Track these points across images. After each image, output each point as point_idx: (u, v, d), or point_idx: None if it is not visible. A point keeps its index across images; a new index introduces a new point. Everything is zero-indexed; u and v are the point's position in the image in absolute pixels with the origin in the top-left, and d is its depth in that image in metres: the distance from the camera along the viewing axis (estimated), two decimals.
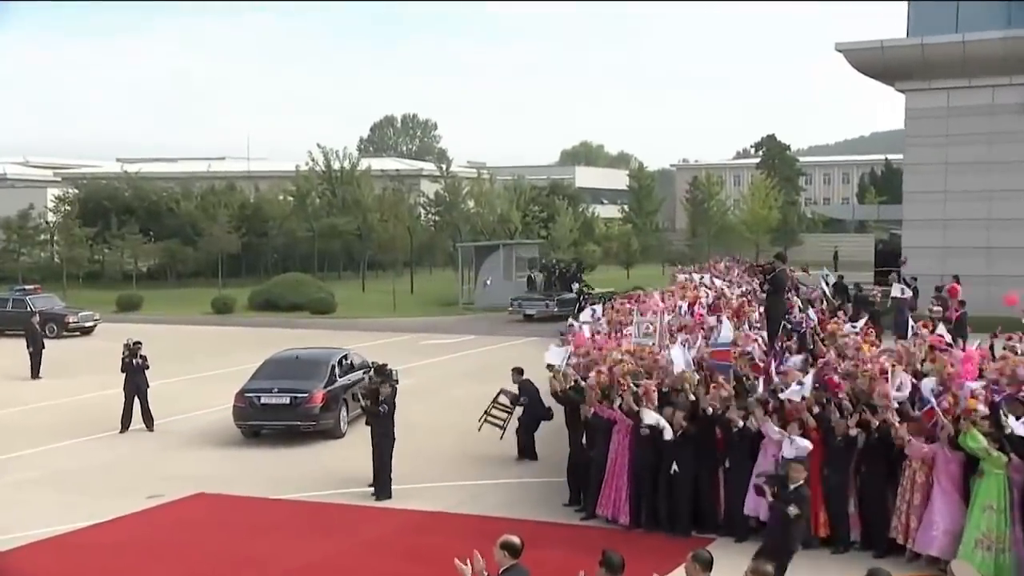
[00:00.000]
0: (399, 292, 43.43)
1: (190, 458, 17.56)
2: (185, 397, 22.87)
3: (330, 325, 37.79)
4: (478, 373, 26.29)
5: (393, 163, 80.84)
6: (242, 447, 18.46)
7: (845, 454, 11.86)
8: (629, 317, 18.32)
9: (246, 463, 17.16)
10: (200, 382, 25.40)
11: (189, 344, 32.84)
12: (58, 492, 15.19)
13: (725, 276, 27.99)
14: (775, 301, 14.95)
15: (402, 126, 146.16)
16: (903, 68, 35.70)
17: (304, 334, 35.50)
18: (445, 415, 16.87)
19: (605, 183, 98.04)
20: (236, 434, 19.42)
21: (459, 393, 22.60)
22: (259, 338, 34.70)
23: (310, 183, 60.43)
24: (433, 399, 15.62)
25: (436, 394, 14.97)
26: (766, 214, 74.37)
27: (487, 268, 43.56)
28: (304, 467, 16.82)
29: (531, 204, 68.63)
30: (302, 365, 19.66)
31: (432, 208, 66.55)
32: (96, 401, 22.51)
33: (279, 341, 33.55)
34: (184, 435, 19.45)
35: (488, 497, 14.68)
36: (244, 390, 19.13)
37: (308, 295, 42.64)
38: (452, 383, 23.87)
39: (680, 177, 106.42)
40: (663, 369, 13.87)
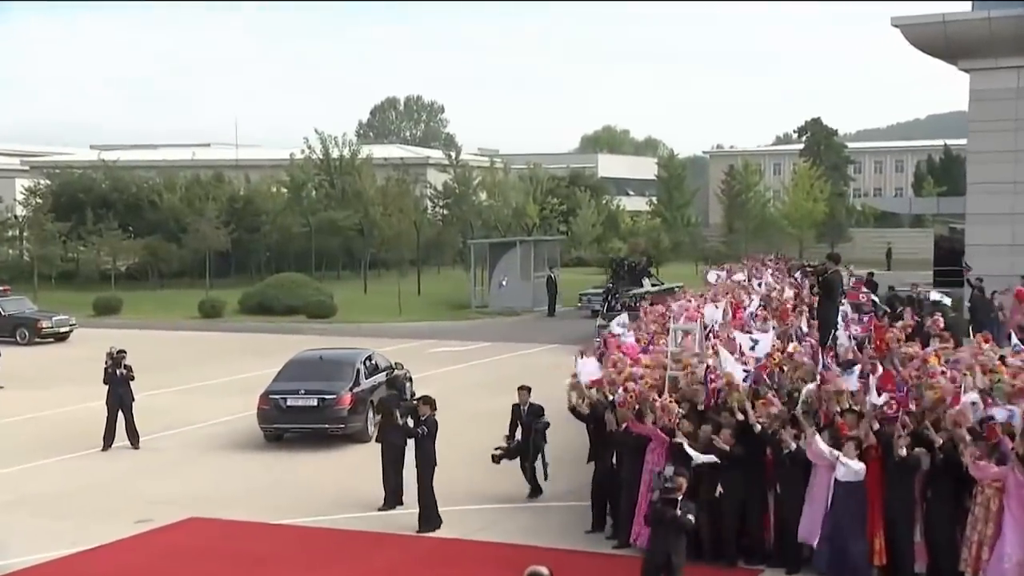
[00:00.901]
0: (405, 293, 43.55)
1: (180, 479, 17.69)
2: (173, 411, 23.04)
3: (329, 330, 37.93)
4: (495, 384, 26.34)
5: (397, 151, 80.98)
6: (237, 466, 18.59)
7: (908, 477, 11.88)
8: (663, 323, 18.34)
9: (242, 484, 17.28)
10: (189, 394, 25.59)
11: (174, 351, 33.05)
12: (35, 517, 15.33)
13: (770, 275, 27.91)
14: (827, 306, 14.98)
15: (405, 109, 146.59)
16: (967, 45, 35.53)
17: (302, 340, 35.47)
18: (460, 431, 16.98)
19: (631, 172, 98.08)
20: (230, 452, 19.57)
21: (475, 407, 22.68)
22: (251, 344, 34.92)
23: (306, 173, 60.61)
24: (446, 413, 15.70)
25: (449, 408, 15.10)
26: (811, 207, 74.21)
27: (502, 267, 43.68)
28: (307, 488, 16.94)
29: (549, 196, 68.83)
30: (327, 366, 20.66)
31: (440, 201, 66.71)
32: (75, 415, 22.67)
33: (273, 348, 33.75)
34: (173, 453, 19.59)
35: (508, 522, 14.76)
36: (268, 392, 20.04)
37: (305, 297, 42.82)
38: (467, 395, 23.97)
39: (714, 165, 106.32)
40: (700, 383, 13.93)
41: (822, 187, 75.75)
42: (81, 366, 27.97)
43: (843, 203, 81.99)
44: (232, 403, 24.01)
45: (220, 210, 52.33)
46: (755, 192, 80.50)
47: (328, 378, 20.17)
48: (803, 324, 18.32)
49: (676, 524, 10.46)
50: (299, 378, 20.29)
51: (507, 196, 64.71)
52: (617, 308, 37.78)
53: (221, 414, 22.83)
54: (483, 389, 25.57)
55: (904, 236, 76.45)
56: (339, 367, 20.63)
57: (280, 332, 38.06)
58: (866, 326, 17.62)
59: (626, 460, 13.55)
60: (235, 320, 41.52)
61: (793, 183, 79.03)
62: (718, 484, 12.62)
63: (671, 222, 77.13)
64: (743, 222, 77.02)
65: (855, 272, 33.94)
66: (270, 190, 59.32)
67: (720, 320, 18.11)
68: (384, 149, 77.19)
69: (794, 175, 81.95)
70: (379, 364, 21.59)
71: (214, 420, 22.38)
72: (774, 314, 20.15)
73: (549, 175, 73.10)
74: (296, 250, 56.02)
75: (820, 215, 74.70)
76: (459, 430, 16.59)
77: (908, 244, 72.59)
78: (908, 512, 11.92)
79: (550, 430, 16.04)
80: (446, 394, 20.10)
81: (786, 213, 76.85)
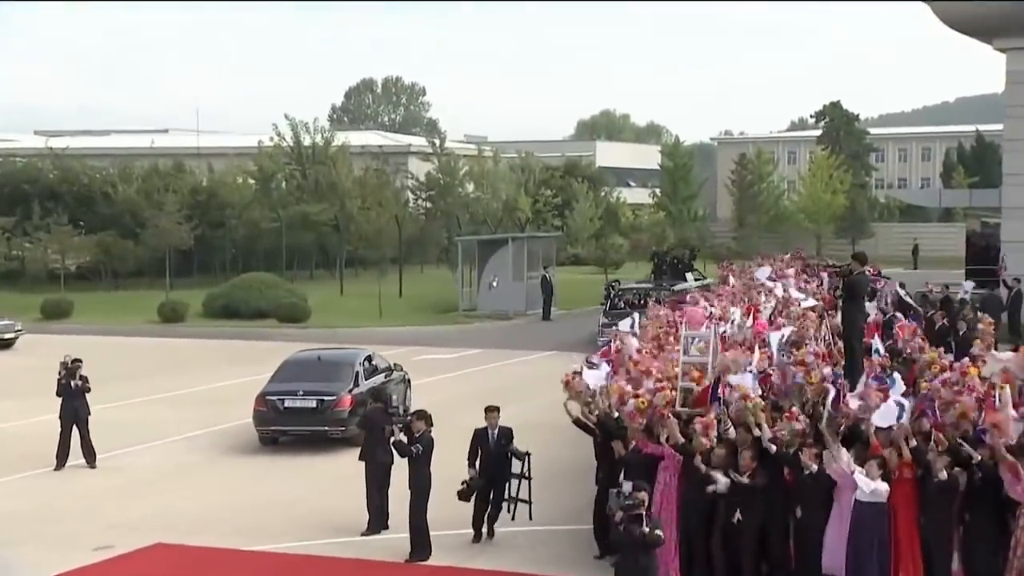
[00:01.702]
0: (385, 295, 43.56)
1: (143, 500, 17.69)
2: (133, 425, 23.03)
3: (302, 336, 37.99)
4: (488, 396, 26.08)
5: (375, 138, 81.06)
6: (208, 485, 18.61)
7: (946, 499, 11.96)
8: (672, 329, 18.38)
9: (212, 505, 17.30)
10: (150, 406, 25.60)
11: (132, 360, 33.04)
12: None
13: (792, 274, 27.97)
14: (852, 310, 15.06)
15: (383, 92, 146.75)
16: (1004, 22, 35.68)
17: (272, 347, 35.52)
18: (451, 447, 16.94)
19: (632, 161, 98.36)
20: (199, 470, 19.58)
21: (467, 420, 22.55)
22: (217, 352, 34.91)
23: (275, 163, 60.62)
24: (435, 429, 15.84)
25: (439, 422, 15.15)
26: (829, 199, 74.63)
27: (492, 266, 43.72)
28: (283, 509, 16.97)
29: (543, 187, 68.99)
30: (325, 366, 21.64)
31: (423, 193, 66.77)
32: (23, 432, 22.62)
33: (242, 355, 33.84)
34: (135, 472, 19.58)
35: (506, 548, 14.80)
36: (265, 393, 20.93)
37: (275, 299, 42.83)
38: (457, 408, 23.94)
39: (723, 154, 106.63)
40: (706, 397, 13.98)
41: (842, 177, 76.14)
42: (29, 377, 27.92)
43: (865, 195, 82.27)
44: (199, 416, 24.04)
45: (181, 203, 52.22)
46: (768, 183, 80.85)
47: (327, 379, 21.04)
48: (824, 331, 18.37)
49: (646, 542, 10.58)
50: (296, 379, 21.12)
51: (497, 188, 64.84)
52: (621, 306, 38.08)
53: (187, 428, 22.84)
54: (476, 401, 25.19)
55: (932, 232, 76.73)
56: (338, 367, 21.56)
57: (248, 338, 38.08)
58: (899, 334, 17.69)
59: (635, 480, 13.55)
60: (198, 325, 41.50)
61: (810, 173, 79.45)
62: (736, 509, 12.67)
63: (676, 216, 77.42)
64: (755, 216, 77.35)
65: (882, 272, 33.91)
66: (236, 181, 59.26)
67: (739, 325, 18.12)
68: (361, 136, 77.26)
69: (811, 164, 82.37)
70: (378, 365, 22.55)
71: (179, 435, 22.39)
72: (795, 322, 20.23)
73: (542, 164, 73.33)
74: (265, 247, 55.94)
75: (839, 208, 75.06)
76: (451, 447, 16.60)
77: (936, 240, 72.86)
78: (946, 538, 12.00)
79: (544, 452, 15.93)
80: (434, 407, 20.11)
81: (802, 206, 77.25)
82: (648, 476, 13.48)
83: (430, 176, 66.20)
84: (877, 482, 11.90)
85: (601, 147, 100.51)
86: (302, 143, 61.24)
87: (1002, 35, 36.33)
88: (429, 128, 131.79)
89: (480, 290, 43.93)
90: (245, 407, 24.78)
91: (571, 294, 47.47)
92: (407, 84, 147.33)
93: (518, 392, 26.29)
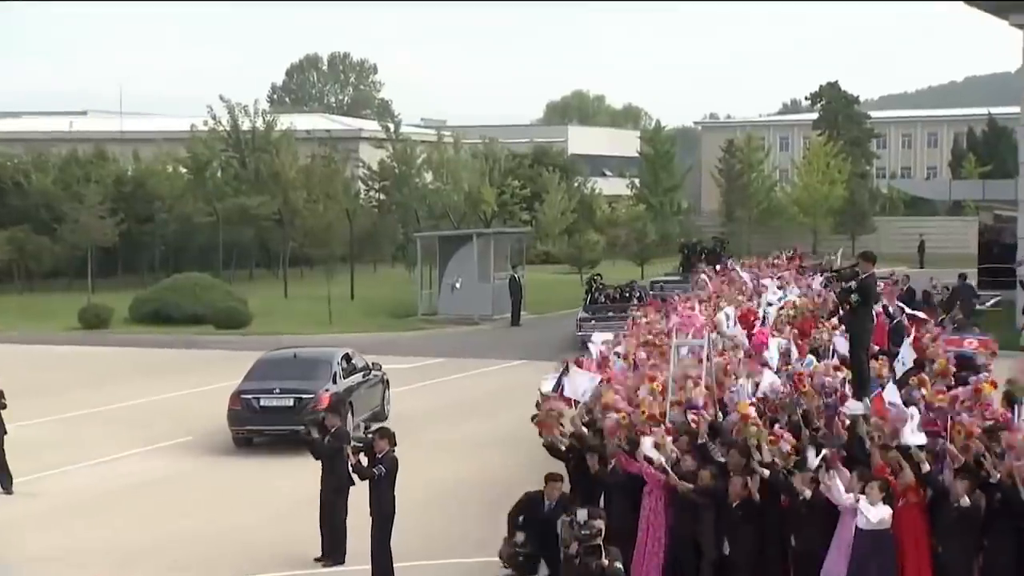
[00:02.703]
0: (335, 298, 43.43)
1: (67, 529, 17.59)
2: (55, 445, 22.89)
3: (243, 344, 37.85)
4: (453, 410, 26.48)
5: (322, 121, 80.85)
6: (141, 511, 18.53)
7: (967, 525, 12.07)
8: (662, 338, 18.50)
9: (147, 535, 17.24)
10: (73, 424, 25.42)
11: (51, 371, 32.76)
12: None
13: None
14: (861, 317, 15.16)
15: (329, 69, 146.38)
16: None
17: (210, 356, 35.53)
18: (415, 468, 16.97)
19: (608, 148, 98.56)
20: (131, 494, 19.48)
21: (431, 438, 22.79)
22: (147, 362, 34.73)
23: (210, 150, 60.26)
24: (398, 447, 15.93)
25: (401, 440, 15.16)
26: (827, 191, 75.15)
27: (455, 265, 43.71)
28: (228, 537, 16.92)
29: (509, 177, 68.99)
30: (302, 364, 23.34)
31: (376, 183, 66.67)
32: None
33: (176, 365, 33.67)
34: (57, 497, 19.47)
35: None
36: (240, 391, 22.36)
37: (211, 303, 42.64)
38: (420, 424, 24.05)
39: (708, 139, 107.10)
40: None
41: (840, 166, 76.69)
42: None
43: (866, 186, 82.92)
44: (130, 434, 23.95)
45: (103, 195, 51.75)
46: (759, 172, 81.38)
47: (304, 377, 22.61)
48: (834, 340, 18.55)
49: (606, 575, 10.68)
50: (272, 377, 22.66)
51: (458, 178, 64.67)
52: (601, 300, 38.47)
53: (116, 448, 22.74)
54: (439, 416, 25.67)
55: (940, 226, 77.41)
56: (315, 365, 23.22)
57: (181, 346, 37.95)
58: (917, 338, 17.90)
59: (616, 505, 13.57)
60: (125, 331, 41.22)
61: (805, 161, 79.98)
62: (723, 540, 12.78)
63: (658, 209, 77.66)
64: (745, 209, 77.82)
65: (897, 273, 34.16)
66: (166, 170, 58.92)
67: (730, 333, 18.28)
68: (306, 119, 77.03)
69: (806, 151, 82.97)
70: (357, 364, 24.11)
71: (108, 456, 22.28)
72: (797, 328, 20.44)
73: (508, 152, 73.33)
74: (200, 245, 55.70)
75: (838, 200, 75.62)
76: (415, 468, 16.62)
77: (945, 236, 73.56)
78: (966, 569, 12.13)
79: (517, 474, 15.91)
80: (392, 423, 20.18)
81: (797, 198, 77.77)
82: (631, 501, 13.61)
83: (383, 164, 65.99)
84: (879, 507, 12.00)
85: (573, 132, 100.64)
86: (240, 127, 60.97)
87: (1017, 9, 36.74)
88: (381, 111, 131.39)
89: (441, 292, 43.91)
90: (181, 423, 24.84)
91: (542, 296, 47.56)
92: (356, 61, 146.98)
93: (486, 406, 26.38)
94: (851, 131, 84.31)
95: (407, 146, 65.85)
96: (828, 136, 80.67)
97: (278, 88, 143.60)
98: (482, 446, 22.61)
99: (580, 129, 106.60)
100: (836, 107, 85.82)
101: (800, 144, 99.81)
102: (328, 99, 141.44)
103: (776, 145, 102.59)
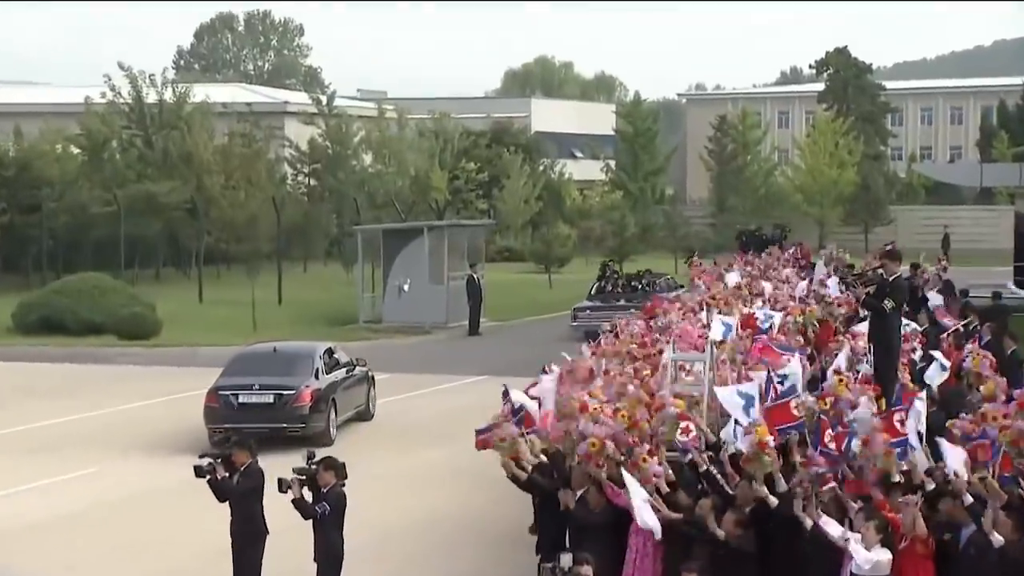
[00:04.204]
0: (260, 302, 43.19)
1: None
2: None
3: (152, 357, 37.69)
4: (409, 438, 26.43)
5: (240, 93, 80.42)
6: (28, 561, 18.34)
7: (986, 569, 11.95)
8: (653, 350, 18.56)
9: None
10: None
11: None
12: None
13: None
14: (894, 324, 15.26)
15: (247, 31, 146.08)
16: None
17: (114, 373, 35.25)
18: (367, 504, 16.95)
19: (578, 125, 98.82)
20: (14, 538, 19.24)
21: (382, 469, 22.79)
22: (36, 380, 34.34)
23: (109, 126, 59.93)
24: None
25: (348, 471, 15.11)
26: (835, 175, 75.46)
27: (403, 264, 43.59)
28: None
29: (463, 159, 69.04)
30: (282, 359, 25.85)
31: (305, 166, 66.48)
32: None
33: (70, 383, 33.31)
34: None
35: None
36: (217, 388, 24.68)
37: (112, 309, 42.19)
38: (369, 454, 24.06)
39: (694, 115, 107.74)
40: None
41: (851, 146, 76.99)
42: None
43: (880, 169, 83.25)
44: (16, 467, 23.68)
45: None
46: (755, 154, 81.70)
47: (284, 372, 25.11)
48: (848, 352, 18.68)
49: None
50: (251, 373, 25.16)
51: (403, 159, 64.80)
52: (609, 288, 38.85)
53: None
54: (391, 443, 25.68)
55: (967, 216, 77.98)
56: (296, 360, 25.83)
57: (78, 360, 37.50)
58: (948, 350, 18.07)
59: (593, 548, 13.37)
60: (8, 343, 40.78)
61: (810, 141, 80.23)
62: None
63: (637, 197, 77.91)
64: (739, 197, 78.11)
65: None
66: (55, 150, 58.51)
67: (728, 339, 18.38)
68: (222, 91, 76.60)
69: (810, 129, 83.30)
70: (340, 359, 26.70)
71: None
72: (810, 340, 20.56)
73: (462, 129, 73.39)
74: (97, 239, 55.40)
75: (849, 187, 75.89)
76: (364, 503, 16.57)
77: (973, 227, 74.16)
78: None
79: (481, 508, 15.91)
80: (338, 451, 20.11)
81: (800, 184, 78.04)
82: (615, 540, 13.62)
83: (314, 144, 65.92)
84: (877, 551, 12.00)
85: (537, 106, 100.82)
86: (144, 100, 60.60)
87: None
88: (309, 80, 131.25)
89: (386, 295, 43.77)
90: (83, 453, 24.63)
91: (504, 300, 47.59)
92: (278, 21, 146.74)
93: (444, 430, 26.28)
94: (863, 105, 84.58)
95: (342, 122, 65.79)
96: (836, 111, 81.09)
97: (185, 53, 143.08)
98: (441, 478, 22.61)
99: (545, 102, 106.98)
100: (845, 77, 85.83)
101: (803, 120, 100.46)
102: (245, 66, 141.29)
103: (774, 121, 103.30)
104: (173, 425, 26.97)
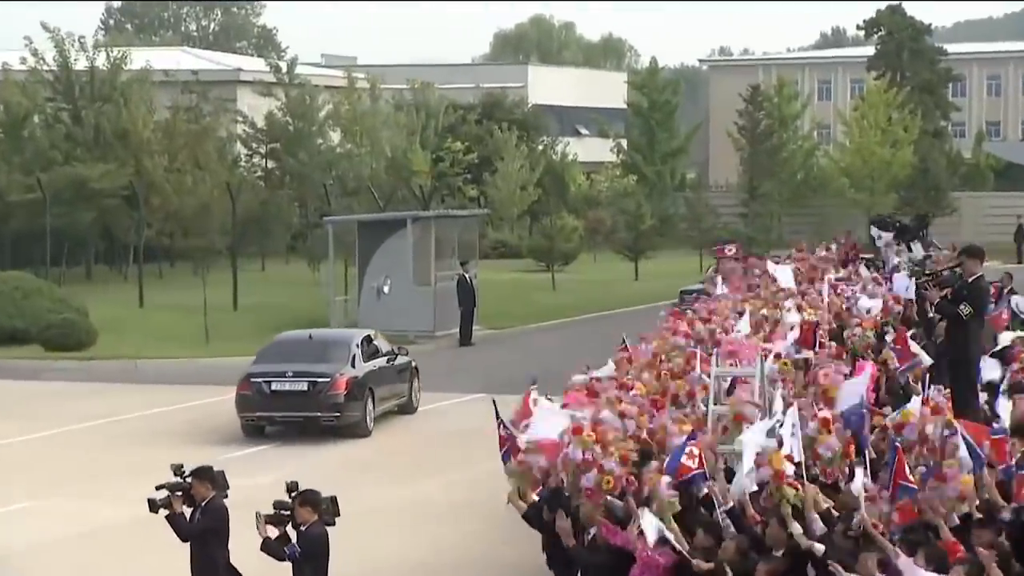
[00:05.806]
0: (213, 307, 43.32)
1: None
2: None
3: (86, 372, 37.79)
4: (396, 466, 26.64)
5: (184, 58, 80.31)
6: None
7: None
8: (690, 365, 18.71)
9: None
10: None
11: None
12: None
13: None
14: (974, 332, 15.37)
15: None
16: None
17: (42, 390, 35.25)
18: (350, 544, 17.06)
19: (582, 97, 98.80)
20: None
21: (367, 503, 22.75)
22: None
23: (30, 98, 59.92)
24: None
25: None
26: (888, 156, 75.27)
27: (382, 262, 43.69)
28: None
29: (449, 137, 69.02)
30: (319, 346, 29.24)
31: (262, 145, 66.48)
32: None
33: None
34: None
35: None
36: (250, 375, 27.70)
37: (37, 315, 42.30)
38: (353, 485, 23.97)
39: (718, 84, 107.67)
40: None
41: (906, 122, 76.75)
42: None
43: (942, 149, 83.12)
44: None
45: None
46: (794, 130, 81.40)
47: (320, 359, 28.23)
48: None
49: None
50: (285, 359, 28.30)
51: (377, 138, 64.69)
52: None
53: None
54: (376, 473, 25.79)
55: None
56: (333, 347, 29.14)
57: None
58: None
59: None
60: None
61: (858, 115, 79.96)
62: None
63: (654, 182, 77.83)
64: (775, 182, 77.89)
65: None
66: None
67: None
68: (163, 56, 76.47)
69: (859, 103, 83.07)
70: (380, 348, 29.93)
71: None
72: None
73: (447, 102, 73.36)
74: (16, 231, 55.56)
75: (905, 169, 75.60)
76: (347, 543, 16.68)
77: None
78: None
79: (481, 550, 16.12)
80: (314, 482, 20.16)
81: (847, 166, 77.87)
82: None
83: (272, 119, 65.91)
84: None
85: (535, 74, 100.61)
86: (72, 67, 60.53)
87: None
88: (263, 43, 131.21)
89: (362, 298, 43.85)
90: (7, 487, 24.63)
91: (500, 305, 47.72)
92: None
93: (435, 458, 26.44)
94: (920, 72, 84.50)
95: (304, 93, 65.94)
96: (889, 80, 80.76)
97: (115, 12, 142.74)
98: (433, 513, 22.79)
99: (544, 70, 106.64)
100: (899, 39, 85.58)
101: (847, 91, 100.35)
102: (187, 26, 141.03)
103: (814, 92, 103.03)
104: (116, 452, 27.10)
